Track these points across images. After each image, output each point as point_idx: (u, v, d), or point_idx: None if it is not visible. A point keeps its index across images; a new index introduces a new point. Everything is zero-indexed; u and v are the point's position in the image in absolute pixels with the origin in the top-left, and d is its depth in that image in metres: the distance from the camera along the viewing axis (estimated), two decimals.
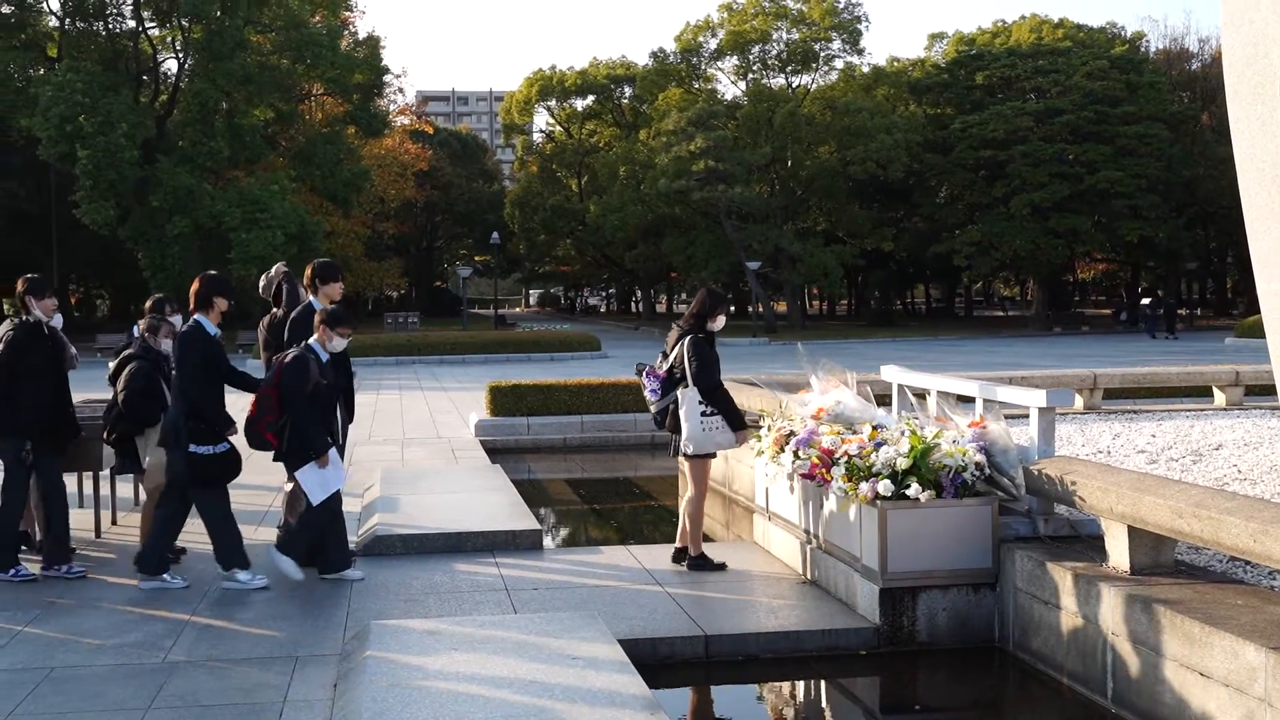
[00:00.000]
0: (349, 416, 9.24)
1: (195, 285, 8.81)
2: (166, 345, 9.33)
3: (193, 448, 8.39)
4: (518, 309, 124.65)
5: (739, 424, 8.88)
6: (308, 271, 9.21)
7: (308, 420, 8.35)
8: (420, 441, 17.01)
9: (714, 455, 9.09)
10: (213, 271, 9.26)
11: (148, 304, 10.04)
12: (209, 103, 47.48)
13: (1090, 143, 56.73)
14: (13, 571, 8.66)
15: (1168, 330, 51.27)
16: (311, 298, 9.16)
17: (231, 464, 8.58)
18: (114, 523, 10.99)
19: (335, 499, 8.61)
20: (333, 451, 8.55)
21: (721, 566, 9.04)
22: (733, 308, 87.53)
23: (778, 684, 7.40)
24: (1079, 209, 57.94)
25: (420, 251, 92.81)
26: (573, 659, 6.39)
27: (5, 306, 75.41)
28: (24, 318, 8.76)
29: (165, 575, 8.57)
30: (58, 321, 9.89)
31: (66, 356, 8.98)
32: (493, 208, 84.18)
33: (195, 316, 8.68)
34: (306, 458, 8.37)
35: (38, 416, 8.61)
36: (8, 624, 7.63)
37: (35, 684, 6.50)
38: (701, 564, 9.03)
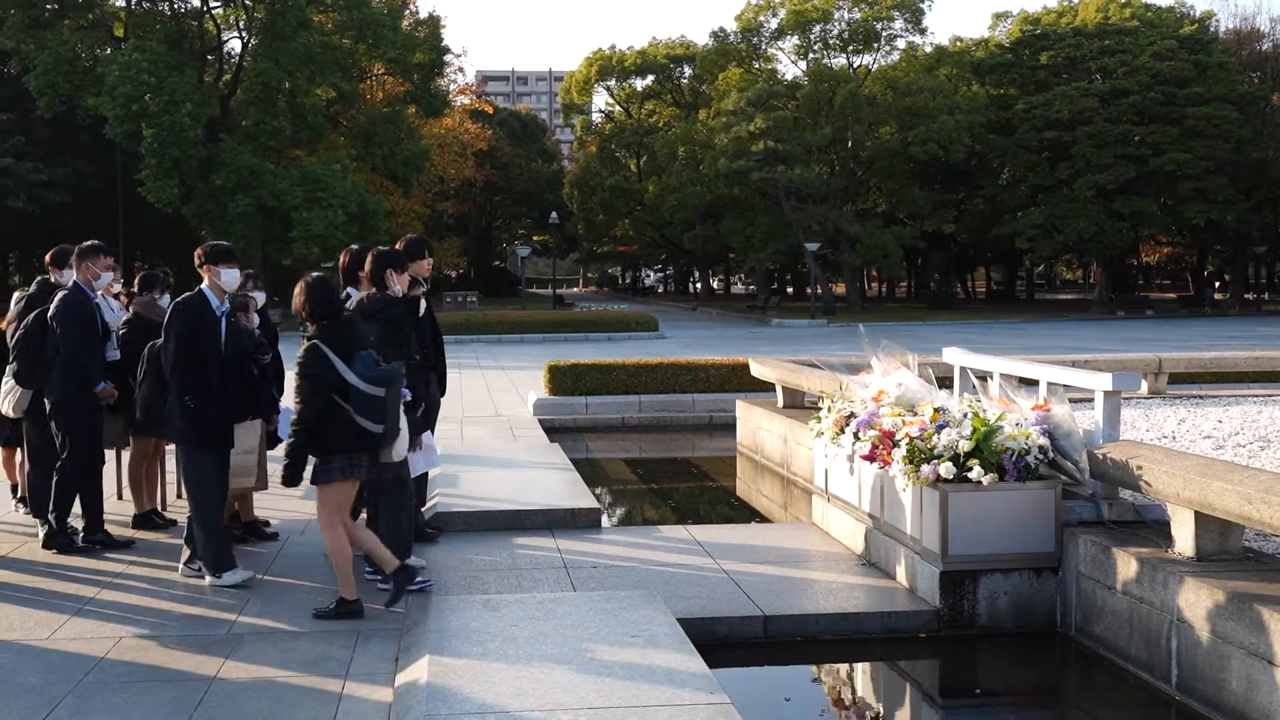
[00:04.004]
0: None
1: (369, 263, 8.58)
2: (254, 320, 9.36)
3: None
4: (575, 289, 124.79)
5: None
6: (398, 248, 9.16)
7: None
8: (479, 420, 17.09)
9: None
10: (382, 247, 9.15)
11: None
12: (271, 82, 47.79)
13: (1157, 124, 55.83)
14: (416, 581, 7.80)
15: None
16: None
17: None
18: (179, 496, 11.13)
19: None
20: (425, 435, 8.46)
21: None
22: (790, 289, 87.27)
23: (836, 665, 7.39)
24: (1144, 191, 57.14)
25: (479, 231, 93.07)
26: (632, 637, 6.41)
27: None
28: (385, 293, 8.23)
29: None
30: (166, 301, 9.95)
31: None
32: (551, 187, 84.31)
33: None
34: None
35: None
36: (76, 595, 7.76)
37: (104, 653, 6.62)
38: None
